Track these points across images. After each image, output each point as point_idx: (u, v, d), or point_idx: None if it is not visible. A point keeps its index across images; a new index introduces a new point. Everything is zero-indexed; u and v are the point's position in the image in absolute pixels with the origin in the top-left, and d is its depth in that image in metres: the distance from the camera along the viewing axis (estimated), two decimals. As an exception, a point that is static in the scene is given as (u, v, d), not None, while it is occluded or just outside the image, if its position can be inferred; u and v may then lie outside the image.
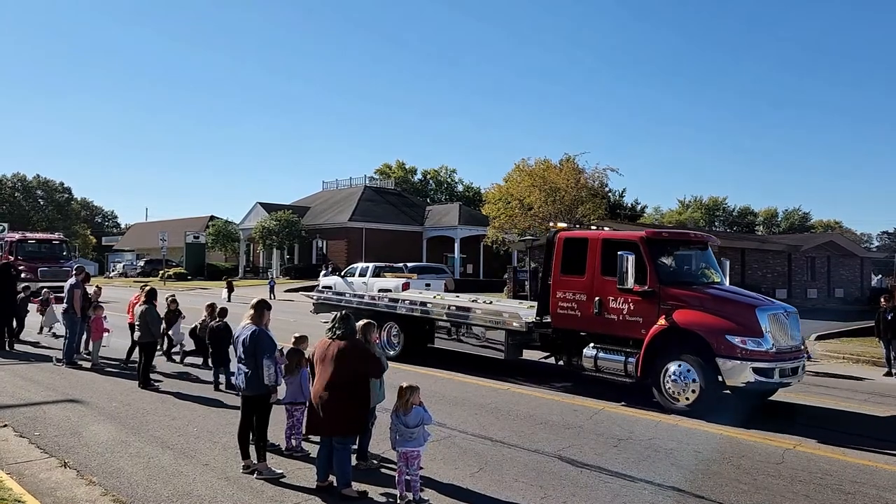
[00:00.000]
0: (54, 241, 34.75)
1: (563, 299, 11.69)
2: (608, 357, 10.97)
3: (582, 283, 11.46)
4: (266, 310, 7.17)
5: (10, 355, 14.75)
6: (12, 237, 33.37)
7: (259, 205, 56.02)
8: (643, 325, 10.58)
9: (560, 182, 42.51)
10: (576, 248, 11.75)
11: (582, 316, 11.42)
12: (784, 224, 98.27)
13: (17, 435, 8.42)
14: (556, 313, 11.84)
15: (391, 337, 14.79)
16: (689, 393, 9.99)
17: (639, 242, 10.93)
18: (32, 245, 32.87)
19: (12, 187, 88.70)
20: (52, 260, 31.67)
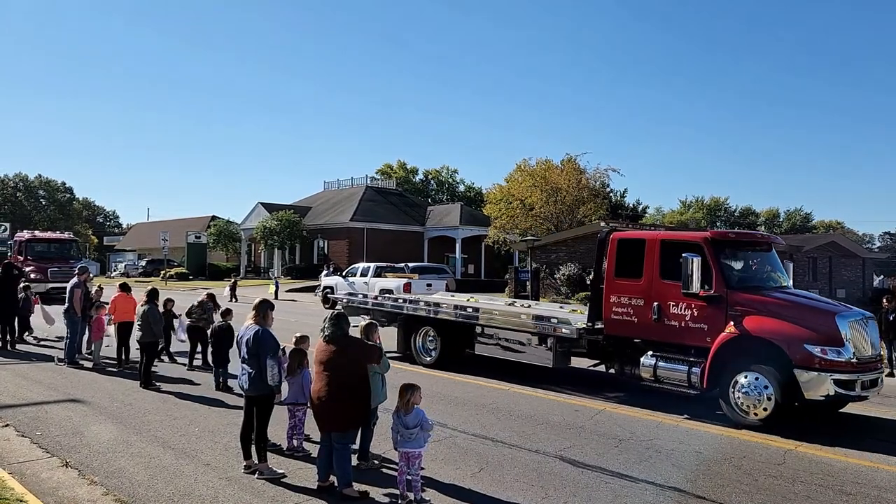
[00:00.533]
0: (64, 240, 33.94)
1: (618, 304, 10.93)
2: (670, 367, 10.17)
3: (639, 287, 10.70)
4: (269, 310, 7.18)
5: (11, 355, 14.78)
6: (22, 237, 32.62)
7: (260, 205, 56.07)
8: (708, 332, 9.86)
9: (561, 182, 42.55)
10: (631, 249, 11.01)
11: (639, 322, 10.65)
12: (786, 224, 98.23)
13: (19, 434, 8.44)
14: (610, 319, 11.04)
15: (427, 342, 14.03)
16: (763, 407, 9.24)
17: (703, 243, 10.23)
18: (42, 245, 32.13)
19: (14, 187, 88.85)
20: (62, 260, 30.69)
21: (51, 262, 29.98)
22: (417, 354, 13.96)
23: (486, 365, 13.08)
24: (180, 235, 59.23)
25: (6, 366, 13.40)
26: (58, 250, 32.03)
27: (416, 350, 14.06)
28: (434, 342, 13.80)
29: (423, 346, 14.02)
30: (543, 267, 36.54)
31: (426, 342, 13.99)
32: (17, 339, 16.22)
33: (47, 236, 34.34)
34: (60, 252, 31.93)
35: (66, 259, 30.91)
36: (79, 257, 33.17)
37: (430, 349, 13.86)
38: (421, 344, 14.05)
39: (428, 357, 13.80)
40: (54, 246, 32.39)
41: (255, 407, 7.03)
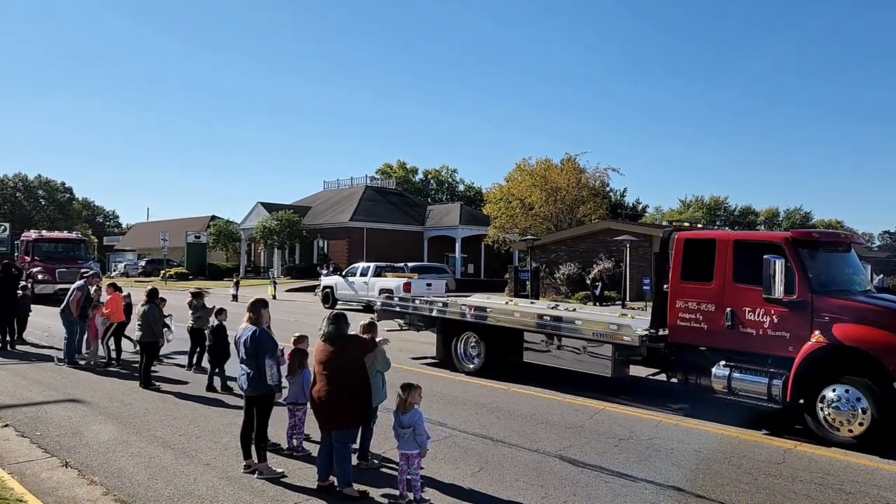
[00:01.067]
0: (73, 240, 33.30)
1: (685, 310, 10.16)
2: (746, 378, 9.35)
3: (709, 291, 9.92)
4: (263, 308, 7.17)
5: (11, 355, 14.78)
6: (29, 236, 31.92)
7: (260, 204, 56.07)
8: (791, 340, 9.10)
9: (561, 182, 42.59)
10: (700, 250, 10.25)
11: (709, 329, 9.88)
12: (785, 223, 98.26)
13: (19, 434, 8.44)
14: (676, 326, 10.26)
15: (468, 349, 13.26)
16: (858, 422, 8.49)
17: (783, 244, 9.50)
18: (50, 245, 31.51)
19: (14, 187, 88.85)
20: (70, 260, 29.91)
21: (59, 263, 29.25)
22: (459, 361, 13.30)
23: (532, 372, 12.30)
24: (180, 235, 59.23)
25: (6, 366, 13.40)
26: (66, 250, 31.47)
27: (457, 356, 13.38)
28: (477, 348, 13.11)
29: (464, 353, 13.33)
30: (543, 266, 36.55)
31: (468, 348, 13.29)
32: (18, 339, 16.21)
33: (55, 236, 33.59)
34: (68, 252, 31.36)
35: (75, 259, 30.32)
36: (87, 258, 32.51)
37: (473, 356, 13.18)
38: (462, 350, 13.36)
39: (470, 364, 13.13)
40: (62, 246, 31.79)
41: (254, 407, 7.03)
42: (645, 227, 37.98)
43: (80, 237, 34.61)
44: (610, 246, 33.13)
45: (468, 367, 13.11)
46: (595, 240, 35.24)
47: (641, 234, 32.94)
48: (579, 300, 31.79)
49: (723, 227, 11.38)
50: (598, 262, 33.44)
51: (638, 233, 32.58)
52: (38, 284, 27.53)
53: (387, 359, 7.16)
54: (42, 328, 18.51)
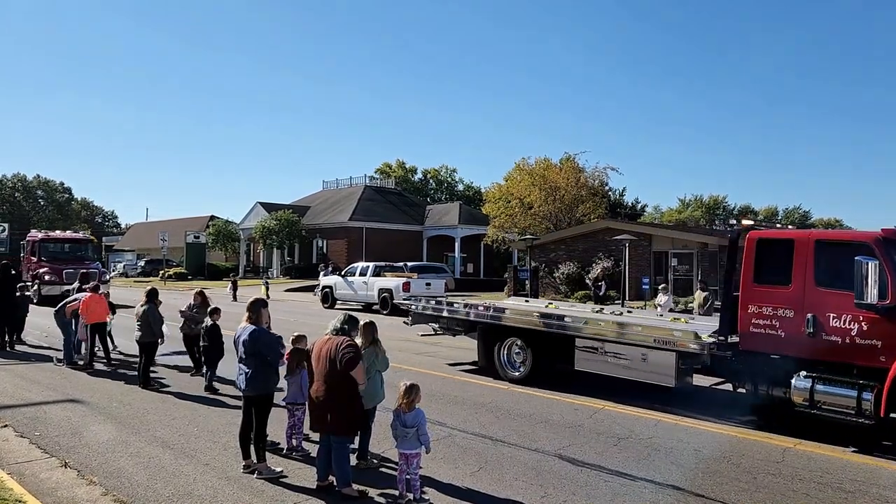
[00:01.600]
0: (80, 240, 32.39)
1: (759, 315, 9.39)
2: (832, 391, 8.63)
3: (786, 295, 9.18)
4: (263, 308, 7.18)
5: (10, 355, 14.78)
6: (35, 237, 31.17)
7: (259, 204, 56.05)
8: (883, 349, 8.33)
9: (560, 181, 42.62)
10: (775, 251, 9.57)
11: (786, 336, 9.10)
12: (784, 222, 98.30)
13: (18, 435, 8.44)
14: (749, 332, 9.50)
15: (512, 355, 12.50)
16: None
17: (873, 244, 8.77)
18: (56, 245, 30.77)
19: (12, 187, 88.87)
20: (77, 261, 29.00)
21: (66, 264, 28.42)
22: (502, 368, 12.48)
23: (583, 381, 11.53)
24: (179, 235, 59.21)
25: (5, 366, 13.39)
26: (72, 251, 30.79)
27: (500, 363, 12.54)
28: (522, 355, 12.30)
29: (508, 360, 12.51)
30: (542, 265, 36.57)
31: (512, 355, 12.49)
32: (17, 340, 16.21)
33: (61, 236, 32.73)
34: (74, 253, 30.67)
35: (81, 260, 29.68)
36: (95, 258, 31.68)
37: (518, 363, 12.37)
38: (506, 357, 12.54)
39: (515, 371, 12.32)
40: (68, 246, 31.10)
41: (253, 407, 7.03)
42: (644, 227, 38.00)
43: (87, 237, 33.64)
44: (609, 245, 33.14)
45: (513, 375, 12.30)
46: (594, 239, 35.25)
47: (640, 234, 32.96)
48: (578, 299, 31.81)
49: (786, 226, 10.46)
50: (597, 262, 33.46)
51: (637, 232, 32.60)
52: (44, 286, 27.39)
53: (386, 358, 7.18)
54: (41, 328, 18.50)
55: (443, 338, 19.47)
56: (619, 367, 10.73)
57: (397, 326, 22.26)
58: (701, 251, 31.83)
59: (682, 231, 39.17)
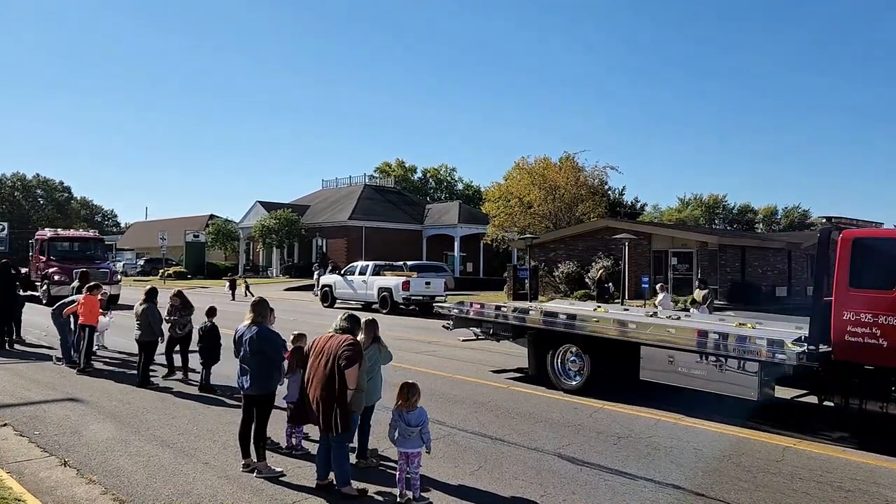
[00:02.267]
0: (89, 239, 31.55)
1: (856, 323, 8.66)
2: None
3: (889, 300, 8.46)
4: (267, 307, 7.20)
5: (9, 354, 14.77)
6: (43, 235, 30.24)
7: (259, 203, 56.06)
8: None
9: (560, 180, 42.62)
10: (875, 252, 8.89)
11: (889, 346, 8.35)
12: (784, 221, 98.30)
13: (17, 434, 8.43)
14: (843, 342, 8.73)
15: (567, 363, 11.55)
16: None
17: None
18: (65, 244, 30.05)
19: (12, 186, 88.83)
20: (87, 260, 27.94)
21: (75, 263, 27.11)
22: (556, 377, 11.58)
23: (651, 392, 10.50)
24: (179, 234, 59.20)
25: (5, 365, 13.38)
26: (81, 250, 30.15)
27: (553, 372, 11.64)
28: (579, 363, 11.38)
29: (562, 368, 11.59)
30: (542, 265, 36.55)
31: (567, 363, 11.56)
32: (16, 338, 16.20)
33: (71, 235, 31.89)
34: (84, 252, 29.97)
35: (92, 259, 28.94)
36: (106, 257, 30.80)
37: (574, 372, 11.45)
38: (560, 365, 11.61)
39: (571, 381, 11.40)
40: (78, 245, 30.45)
41: (255, 406, 7.03)
42: (643, 226, 38.00)
43: (97, 236, 32.65)
44: (609, 244, 33.15)
45: (568, 385, 11.39)
46: (594, 238, 35.25)
47: (640, 233, 32.97)
48: (578, 298, 31.81)
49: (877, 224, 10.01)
50: (597, 261, 33.46)
51: (636, 231, 32.60)
52: (54, 286, 26.72)
53: (388, 353, 7.21)
54: (40, 328, 18.49)
55: (443, 336, 19.50)
56: (692, 378, 9.77)
57: (396, 325, 22.29)
58: (700, 250, 31.84)
59: (681, 230, 39.23)
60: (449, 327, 14.16)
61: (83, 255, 29.47)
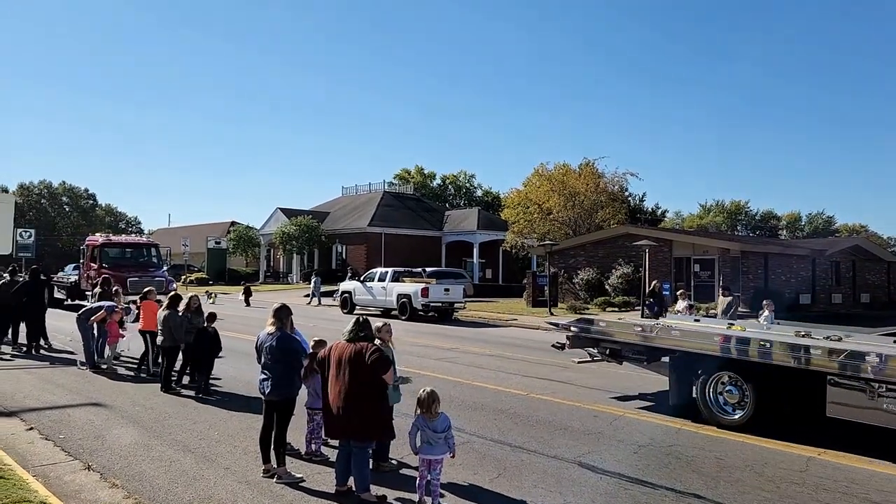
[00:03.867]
0: (143, 244, 29.51)
1: None
2: None
3: None
4: (288, 314, 7.24)
5: (36, 358, 15.01)
6: (95, 241, 28.23)
7: (279, 210, 56.46)
8: None
9: (579, 186, 42.48)
10: None
11: None
12: (808, 228, 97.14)
13: (43, 437, 8.55)
14: None
15: (720, 394, 9.71)
16: None
17: None
18: (118, 250, 28.09)
19: (39, 194, 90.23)
20: (141, 268, 26.68)
21: (129, 271, 25.71)
22: (708, 409, 9.73)
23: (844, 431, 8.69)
24: (201, 241, 59.77)
25: (31, 370, 13.59)
26: (134, 256, 28.27)
27: (706, 403, 9.77)
28: (737, 394, 9.56)
29: (715, 399, 9.75)
30: (562, 271, 36.43)
31: (719, 394, 9.76)
32: (44, 343, 16.44)
33: (124, 240, 29.89)
34: (137, 259, 28.14)
35: (146, 267, 27.29)
36: (160, 265, 28.93)
37: (732, 404, 9.61)
38: (712, 395, 9.77)
39: (730, 415, 9.57)
40: (130, 252, 28.49)
41: (275, 412, 7.07)
42: (664, 232, 37.72)
43: (151, 241, 30.50)
44: (629, 251, 32.94)
45: (726, 419, 9.56)
46: (614, 245, 35.07)
47: (661, 239, 32.73)
48: (598, 306, 31.63)
49: None
50: (617, 268, 33.25)
51: (657, 238, 32.37)
52: None
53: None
54: (66, 333, 18.73)
55: (461, 343, 19.50)
56: None
57: (415, 331, 22.32)
58: (722, 257, 31.54)
59: (702, 237, 38.87)
60: (560, 347, 12.20)
61: (136, 261, 27.86)
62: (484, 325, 26.62)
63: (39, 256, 46.81)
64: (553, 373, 14.18)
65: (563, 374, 14.08)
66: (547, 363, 15.67)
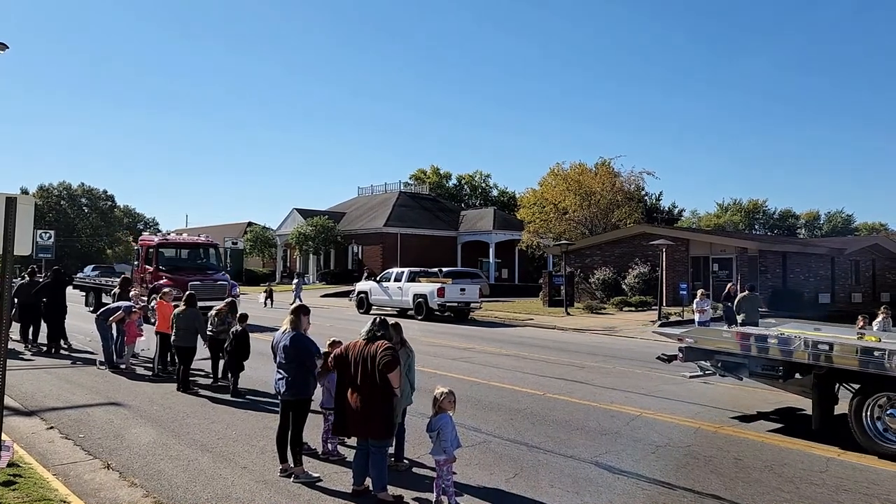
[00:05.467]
0: (201, 245, 26.21)
1: None
2: None
3: None
4: (304, 315, 7.28)
5: (56, 358, 15.18)
6: (150, 241, 25.48)
7: (296, 211, 56.75)
8: None
9: (595, 186, 42.28)
10: None
11: None
12: (826, 227, 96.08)
13: (63, 437, 8.64)
14: None
15: (885, 418, 8.39)
16: None
17: None
18: (173, 251, 25.54)
19: (58, 195, 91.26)
20: (200, 271, 24.18)
21: (189, 274, 23.29)
22: (865, 435, 8.46)
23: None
24: (218, 241, 60.12)
25: (51, 369, 13.74)
26: (191, 258, 25.63)
27: (863, 428, 8.48)
28: None
29: (872, 424, 8.45)
30: (578, 271, 36.29)
31: (884, 418, 8.39)
32: (64, 343, 16.62)
33: (182, 241, 26.67)
34: (195, 261, 25.51)
35: (205, 269, 24.60)
36: (220, 267, 26.22)
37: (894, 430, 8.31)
38: (869, 420, 8.47)
39: (890, 444, 8.29)
40: (188, 253, 25.85)
41: (291, 411, 7.10)
42: (681, 231, 37.47)
43: (210, 241, 27.13)
44: (645, 250, 32.78)
45: (888, 448, 8.28)
46: (630, 244, 34.89)
47: (677, 239, 32.52)
48: (615, 305, 31.48)
49: None
50: (633, 267, 33.04)
51: (674, 237, 32.16)
52: None
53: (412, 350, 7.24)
54: (85, 333, 18.93)
55: (477, 342, 19.47)
56: None
57: (431, 331, 22.33)
58: (740, 256, 31.28)
59: (720, 236, 38.55)
60: (667, 359, 10.87)
61: (195, 264, 25.19)
62: (500, 325, 26.58)
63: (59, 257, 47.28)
64: (569, 373, 14.13)
65: (579, 373, 14.03)
66: (564, 363, 15.62)
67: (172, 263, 24.66)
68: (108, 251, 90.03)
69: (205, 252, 26.06)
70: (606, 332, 23.73)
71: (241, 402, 10.75)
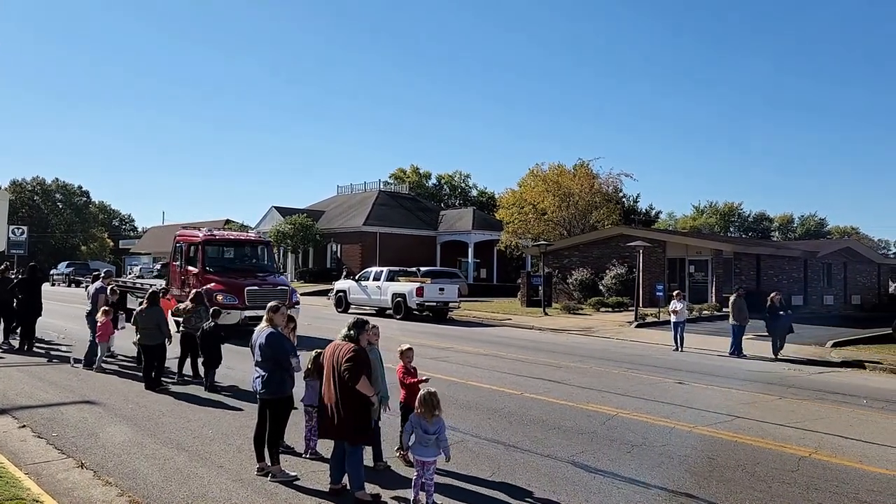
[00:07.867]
0: (252, 242, 22.33)
1: None
2: None
3: None
4: (279, 312, 7.23)
5: (28, 356, 14.94)
6: (193, 236, 21.05)
7: (274, 208, 56.40)
8: None
9: (574, 187, 42.59)
10: None
11: None
12: (800, 230, 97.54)
13: (36, 435, 8.52)
14: None
15: None
16: None
17: None
18: (218, 249, 21.23)
19: (31, 191, 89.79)
20: (254, 273, 20.32)
21: (243, 277, 19.72)
22: None
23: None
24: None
25: (23, 367, 13.53)
26: (238, 257, 21.53)
27: None
28: None
29: None
30: (556, 272, 36.49)
31: None
32: (36, 341, 16.36)
33: (232, 237, 22.79)
34: (242, 260, 21.43)
35: (257, 271, 20.64)
36: (273, 267, 21.91)
37: None
38: None
39: None
40: (234, 251, 21.65)
41: (268, 410, 7.07)
42: (658, 233, 37.83)
43: (263, 238, 23.67)
44: (623, 252, 33.04)
45: None
46: (608, 245, 35.16)
47: (655, 240, 32.83)
48: (592, 306, 31.70)
49: None
50: (611, 268, 33.28)
51: (651, 238, 32.47)
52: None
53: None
54: (58, 330, 18.67)
55: (455, 342, 19.52)
56: None
57: (410, 330, 22.32)
58: (715, 258, 31.65)
59: (696, 238, 39.00)
60: None
61: (248, 264, 21.11)
62: (478, 325, 26.65)
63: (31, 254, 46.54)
64: (546, 372, 14.21)
65: (556, 373, 14.13)
66: (541, 363, 15.71)
67: (221, 264, 20.57)
68: (82, 248, 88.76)
69: (260, 251, 21.98)
70: (583, 332, 23.90)
71: (218, 401, 10.68)
